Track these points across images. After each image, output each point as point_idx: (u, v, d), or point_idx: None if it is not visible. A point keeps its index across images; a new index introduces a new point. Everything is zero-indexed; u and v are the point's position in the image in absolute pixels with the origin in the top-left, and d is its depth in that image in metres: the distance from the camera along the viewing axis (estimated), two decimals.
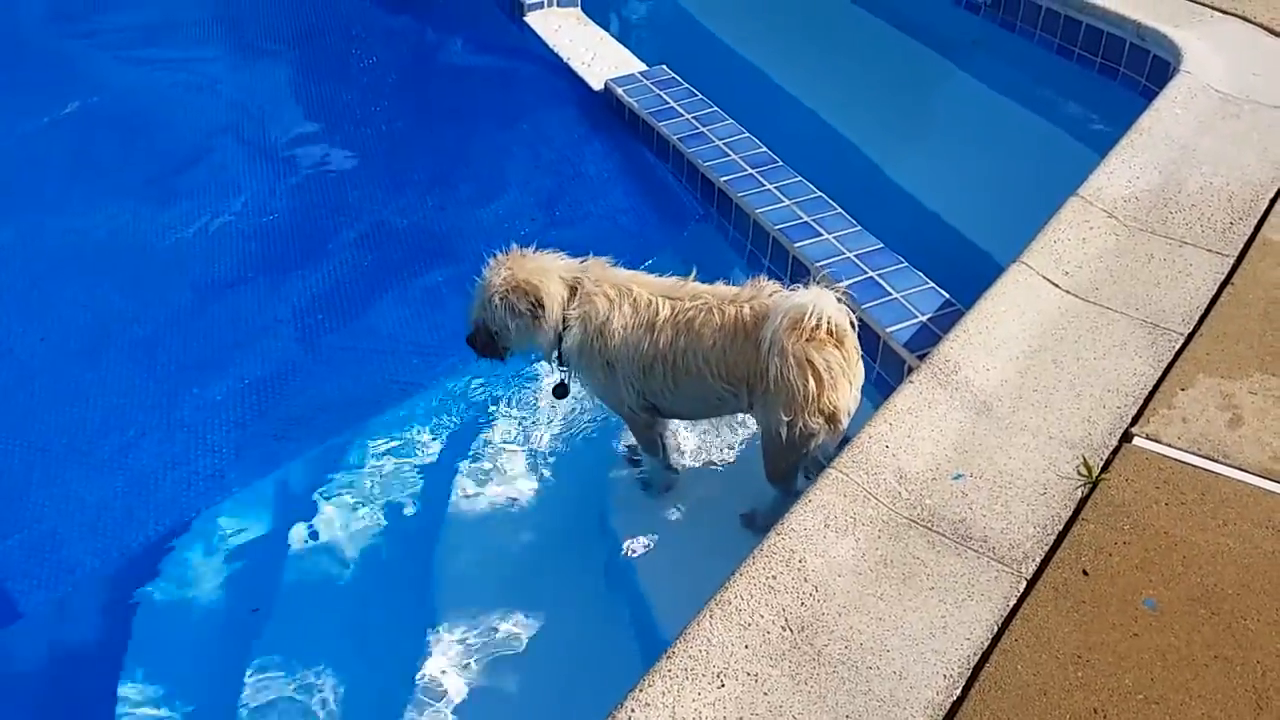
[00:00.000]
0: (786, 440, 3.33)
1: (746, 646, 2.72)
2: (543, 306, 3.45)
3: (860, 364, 3.38)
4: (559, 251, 3.61)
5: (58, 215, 5.35)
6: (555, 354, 3.57)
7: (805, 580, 2.88)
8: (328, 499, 3.85)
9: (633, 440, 3.89)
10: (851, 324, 3.30)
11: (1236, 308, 3.79)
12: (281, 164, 5.77)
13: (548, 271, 3.51)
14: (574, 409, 4.13)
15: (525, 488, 3.85)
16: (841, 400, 3.31)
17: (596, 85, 6.03)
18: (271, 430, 4.16)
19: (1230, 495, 3.10)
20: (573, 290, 3.51)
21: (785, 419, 3.28)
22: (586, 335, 3.48)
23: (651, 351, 3.43)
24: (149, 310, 4.74)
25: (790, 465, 3.48)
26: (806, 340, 3.21)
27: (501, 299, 3.46)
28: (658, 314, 3.44)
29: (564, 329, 3.50)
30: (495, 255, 3.54)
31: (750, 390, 3.39)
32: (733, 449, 3.98)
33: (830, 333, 3.23)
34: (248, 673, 3.37)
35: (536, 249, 3.57)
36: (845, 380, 3.30)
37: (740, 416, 3.86)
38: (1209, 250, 4.08)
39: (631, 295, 3.48)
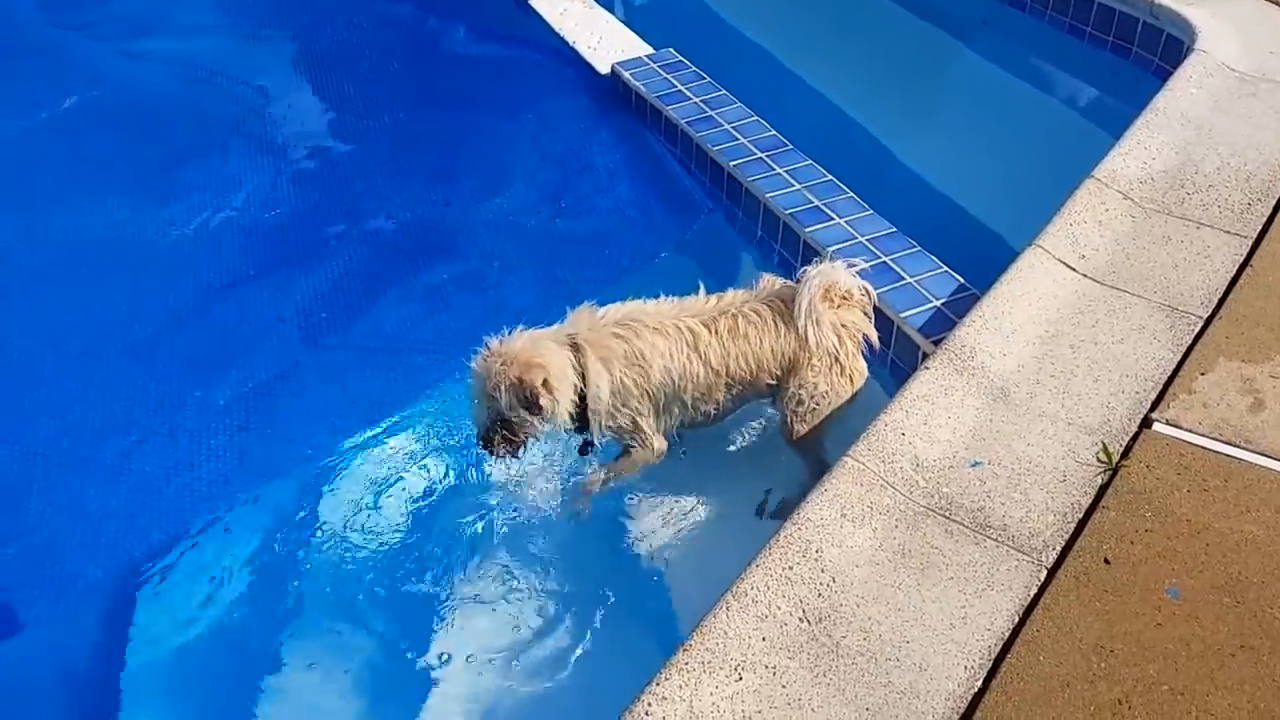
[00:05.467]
0: (819, 411, 3.53)
1: (764, 639, 2.68)
2: (550, 378, 3.26)
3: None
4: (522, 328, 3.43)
5: (56, 213, 5.26)
6: (574, 418, 3.41)
7: (822, 571, 2.84)
8: (335, 502, 3.79)
9: None
10: (868, 291, 3.61)
11: (1256, 290, 3.74)
12: (283, 158, 5.69)
13: (540, 341, 3.34)
14: None
15: (537, 483, 3.79)
16: (863, 363, 3.62)
17: (603, 69, 5.97)
18: (276, 433, 4.09)
19: (1253, 481, 3.06)
20: (575, 348, 3.37)
21: (825, 389, 3.51)
22: (616, 379, 3.39)
23: (704, 371, 3.43)
24: (149, 310, 4.66)
25: (820, 436, 3.61)
26: (837, 307, 3.49)
27: (510, 386, 3.23)
28: (695, 335, 3.43)
29: (584, 387, 3.35)
30: (474, 352, 3.35)
31: (789, 376, 3.53)
32: (750, 441, 3.93)
33: (846, 297, 3.54)
34: (255, 680, 3.32)
35: (512, 331, 3.37)
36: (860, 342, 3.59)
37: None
38: (1227, 231, 4.02)
39: (650, 326, 3.42)
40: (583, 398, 3.38)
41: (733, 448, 3.91)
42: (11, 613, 3.51)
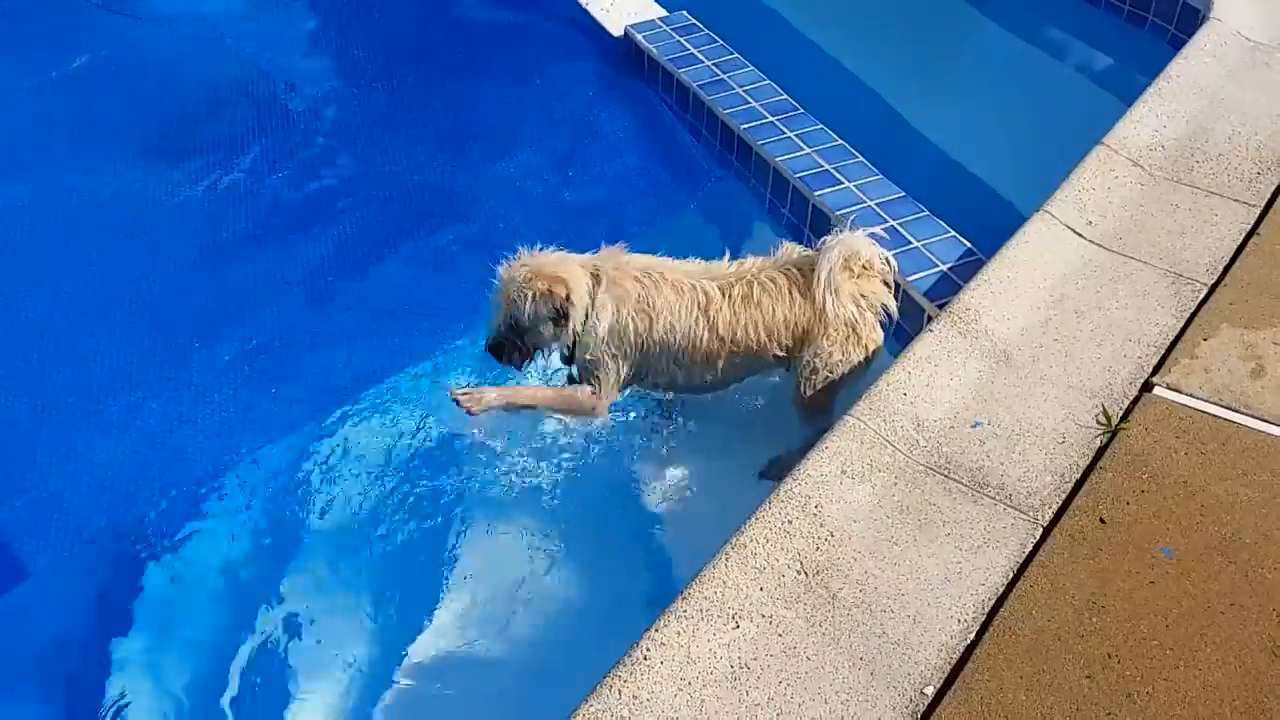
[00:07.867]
0: (833, 380, 3.52)
1: (762, 589, 2.73)
2: (572, 294, 3.41)
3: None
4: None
5: (65, 173, 5.27)
6: (571, 343, 3.54)
7: (821, 525, 2.89)
8: (337, 461, 3.84)
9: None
10: (889, 261, 3.57)
11: (1261, 258, 3.75)
12: (291, 121, 5.68)
13: (567, 261, 3.50)
14: None
15: (540, 442, 3.83)
16: (879, 333, 3.60)
17: (616, 31, 5.96)
18: (279, 391, 4.13)
19: (1251, 445, 3.08)
20: (595, 278, 3.49)
21: (839, 359, 3.48)
22: (621, 319, 3.46)
23: (709, 336, 3.46)
24: (157, 269, 4.70)
25: (830, 401, 3.60)
26: (857, 277, 3.46)
27: (531, 292, 3.40)
28: (708, 298, 3.46)
29: (590, 315, 3.47)
30: (507, 257, 3.51)
31: (802, 345, 3.52)
32: (757, 400, 3.97)
33: (867, 266, 3.49)
34: (254, 629, 3.38)
35: (547, 248, 3.54)
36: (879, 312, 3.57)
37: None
38: (1235, 200, 4.02)
39: (669, 280, 3.47)
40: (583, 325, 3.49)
41: (738, 407, 3.95)
42: (19, 564, 3.58)
